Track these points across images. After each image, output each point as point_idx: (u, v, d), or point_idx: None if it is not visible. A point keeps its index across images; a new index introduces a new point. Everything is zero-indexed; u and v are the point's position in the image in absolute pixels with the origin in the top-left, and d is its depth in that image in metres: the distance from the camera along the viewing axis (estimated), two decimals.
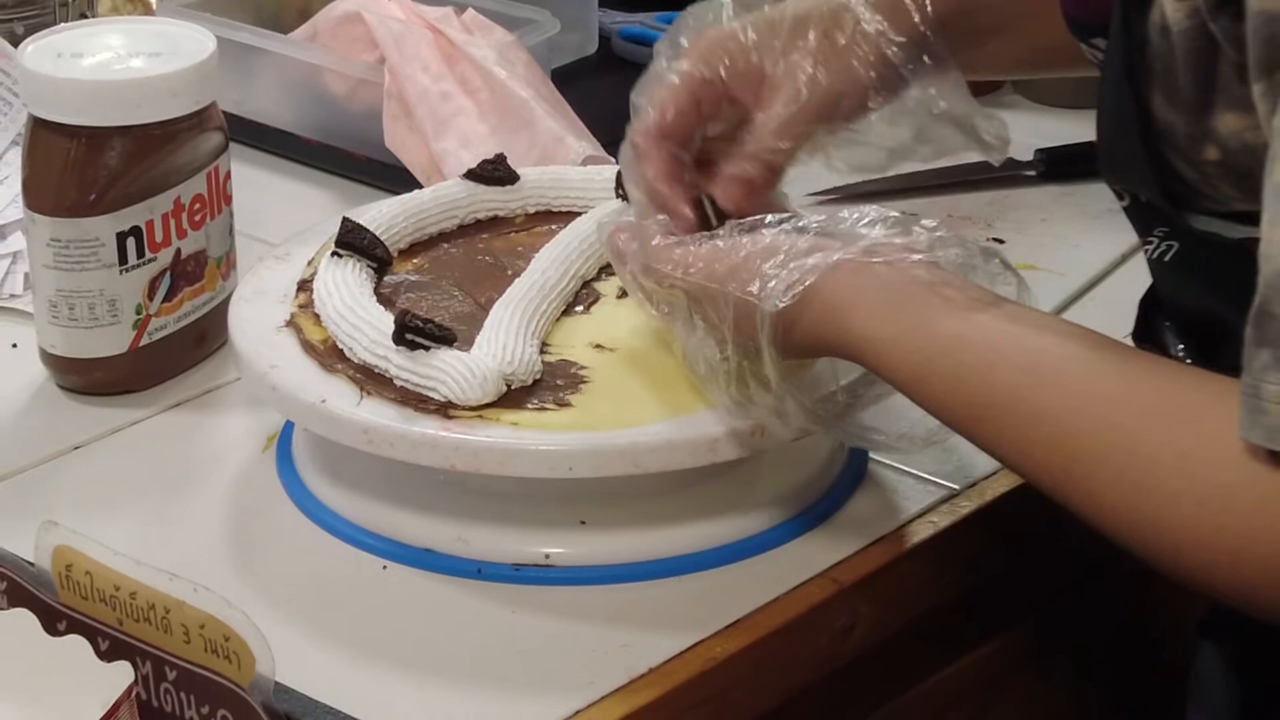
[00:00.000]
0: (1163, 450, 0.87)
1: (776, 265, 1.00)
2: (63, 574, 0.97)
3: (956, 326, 0.95)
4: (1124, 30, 0.96)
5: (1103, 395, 0.90)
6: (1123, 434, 0.88)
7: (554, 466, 1.04)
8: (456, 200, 1.24)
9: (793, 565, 1.09)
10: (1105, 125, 1.00)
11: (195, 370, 1.27)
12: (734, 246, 1.03)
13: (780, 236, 1.03)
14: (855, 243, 1.00)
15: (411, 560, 1.09)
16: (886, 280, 0.98)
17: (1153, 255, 1.00)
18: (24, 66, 1.23)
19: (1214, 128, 0.93)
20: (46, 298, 1.23)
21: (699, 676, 1.02)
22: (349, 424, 1.06)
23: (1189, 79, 0.93)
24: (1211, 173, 0.94)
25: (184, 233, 1.25)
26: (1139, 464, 0.87)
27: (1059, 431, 0.90)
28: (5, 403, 1.25)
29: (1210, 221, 0.96)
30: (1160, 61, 0.94)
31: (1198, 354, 1.01)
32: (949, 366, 0.94)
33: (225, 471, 1.18)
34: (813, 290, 0.99)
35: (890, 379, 0.98)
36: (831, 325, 0.98)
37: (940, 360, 0.95)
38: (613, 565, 1.08)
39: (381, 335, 1.09)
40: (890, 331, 0.97)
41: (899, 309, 0.97)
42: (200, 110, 1.24)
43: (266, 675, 0.92)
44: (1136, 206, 1.00)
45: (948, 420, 0.96)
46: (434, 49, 1.46)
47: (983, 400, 0.93)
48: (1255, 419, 0.83)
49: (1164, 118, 0.95)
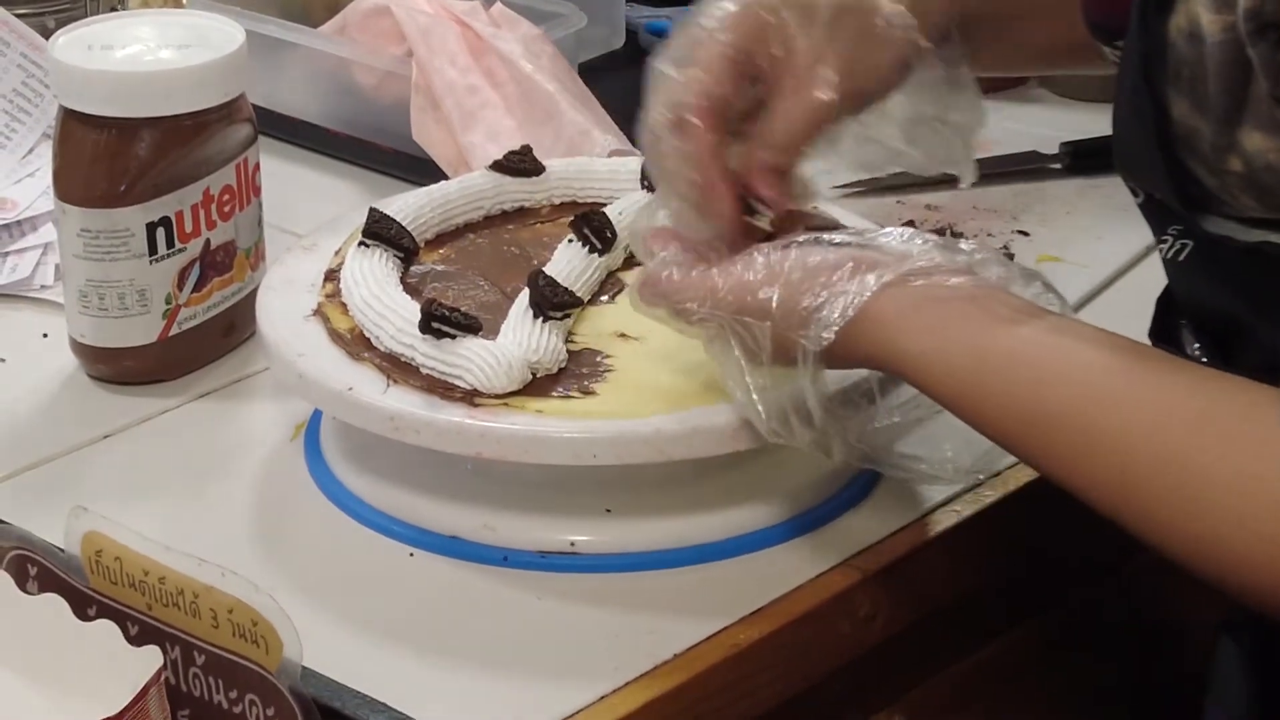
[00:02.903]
0: (1218, 466, 0.86)
1: (815, 295, 0.98)
2: (92, 559, 0.98)
3: (1005, 341, 0.94)
4: (1142, 32, 0.95)
5: (1155, 410, 0.89)
6: (1177, 449, 0.87)
7: (579, 454, 1.05)
8: (483, 191, 1.25)
9: (816, 553, 1.10)
10: (1122, 124, 0.99)
11: (224, 360, 1.28)
12: (762, 274, 1.00)
13: (811, 258, 1.00)
14: (897, 264, 0.98)
15: (438, 547, 1.10)
16: (931, 295, 0.97)
17: (1167, 254, 0.99)
18: (55, 58, 1.23)
19: (1240, 141, 0.92)
20: (77, 288, 1.24)
21: (722, 663, 1.03)
22: (376, 412, 1.07)
23: (1220, 90, 0.92)
24: (1233, 183, 0.93)
25: (213, 223, 1.25)
26: (1194, 480, 0.87)
27: (1113, 447, 0.89)
28: (36, 391, 1.26)
29: (1224, 224, 0.95)
30: (1187, 68, 0.93)
31: (1214, 353, 1.00)
32: (999, 382, 0.93)
33: (253, 460, 1.19)
34: (859, 312, 0.97)
35: (938, 395, 0.96)
36: (877, 342, 0.97)
37: (989, 376, 0.94)
38: (637, 553, 1.09)
39: (408, 324, 1.09)
40: (937, 346, 0.95)
41: (946, 324, 0.96)
42: (229, 102, 1.25)
43: (294, 660, 0.92)
44: (1151, 204, 1.00)
45: (996, 436, 0.95)
46: (461, 42, 1.46)
47: (1034, 416, 0.92)
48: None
49: (1187, 123, 0.94)
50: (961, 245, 1.01)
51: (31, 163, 1.46)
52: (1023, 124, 1.58)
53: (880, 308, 0.97)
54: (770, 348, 1.00)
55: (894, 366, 0.97)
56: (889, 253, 1.00)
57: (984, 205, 1.47)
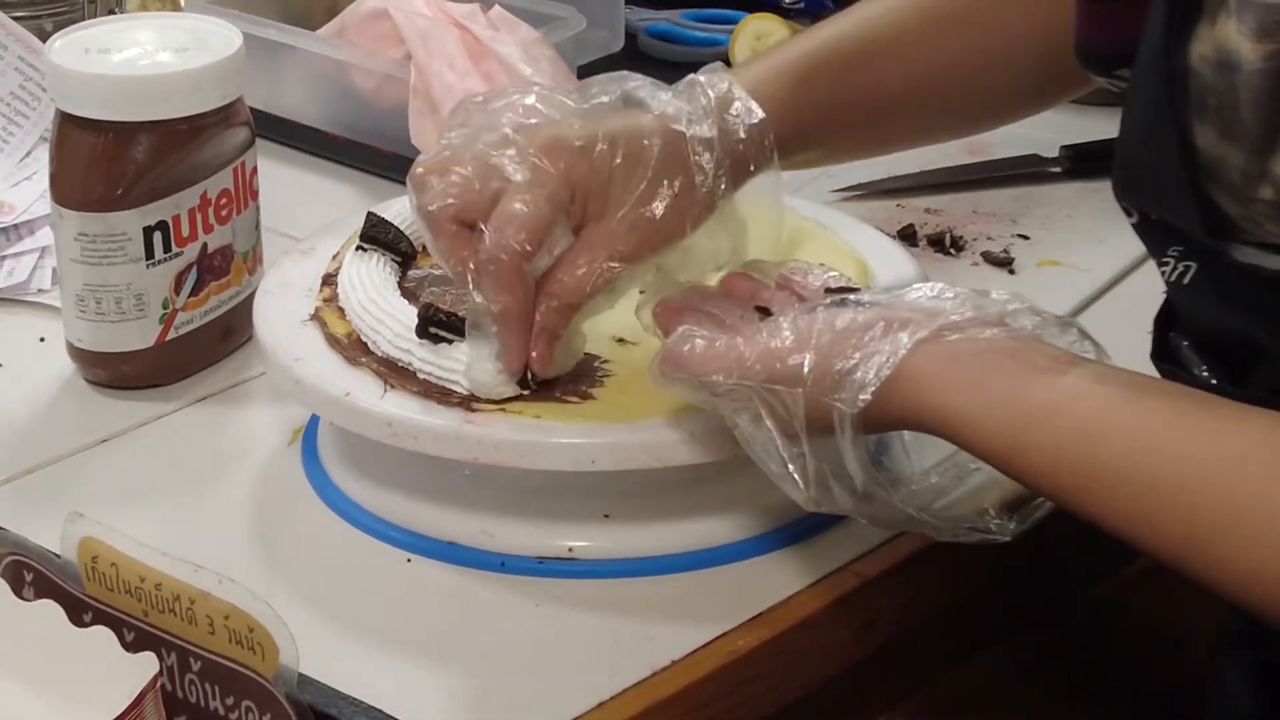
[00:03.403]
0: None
1: (848, 358, 0.96)
2: (89, 565, 0.98)
3: (1049, 394, 0.92)
4: (1165, 60, 0.94)
5: (1224, 457, 0.87)
6: (1250, 495, 0.86)
7: (577, 459, 1.05)
8: None
9: (815, 559, 1.09)
10: (1133, 152, 0.98)
11: (221, 364, 1.28)
12: (796, 342, 0.98)
13: (842, 320, 0.98)
14: (929, 321, 0.97)
15: (435, 553, 1.10)
16: (967, 350, 0.95)
17: (1171, 277, 0.98)
18: (51, 62, 1.23)
19: (1272, 169, 0.91)
20: (73, 292, 1.24)
21: (721, 670, 1.03)
22: (373, 417, 1.07)
23: (1255, 118, 0.90)
24: (1260, 211, 0.92)
25: (210, 227, 1.25)
26: (1273, 525, 0.85)
27: (1179, 499, 0.88)
28: (33, 396, 1.26)
29: (1249, 252, 0.93)
30: (1214, 96, 0.92)
31: (1222, 374, 0.98)
32: (1045, 436, 0.92)
33: (251, 465, 1.18)
34: (893, 372, 0.96)
35: (981, 452, 0.94)
36: (914, 400, 0.95)
37: (1036, 431, 0.92)
38: (635, 559, 1.09)
39: (405, 329, 1.09)
40: (980, 402, 0.93)
41: (986, 379, 0.94)
42: (227, 105, 1.25)
43: (290, 666, 0.92)
44: (1147, 224, 0.98)
45: (1048, 491, 0.93)
46: (460, 45, 1.46)
47: (1090, 469, 0.90)
48: None
49: (1213, 152, 0.93)
50: (993, 295, 0.99)
51: (29, 166, 1.46)
52: (1022, 127, 1.56)
53: (915, 366, 0.95)
54: (804, 415, 0.98)
55: (933, 425, 0.95)
56: (919, 309, 0.98)
57: (984, 209, 1.47)
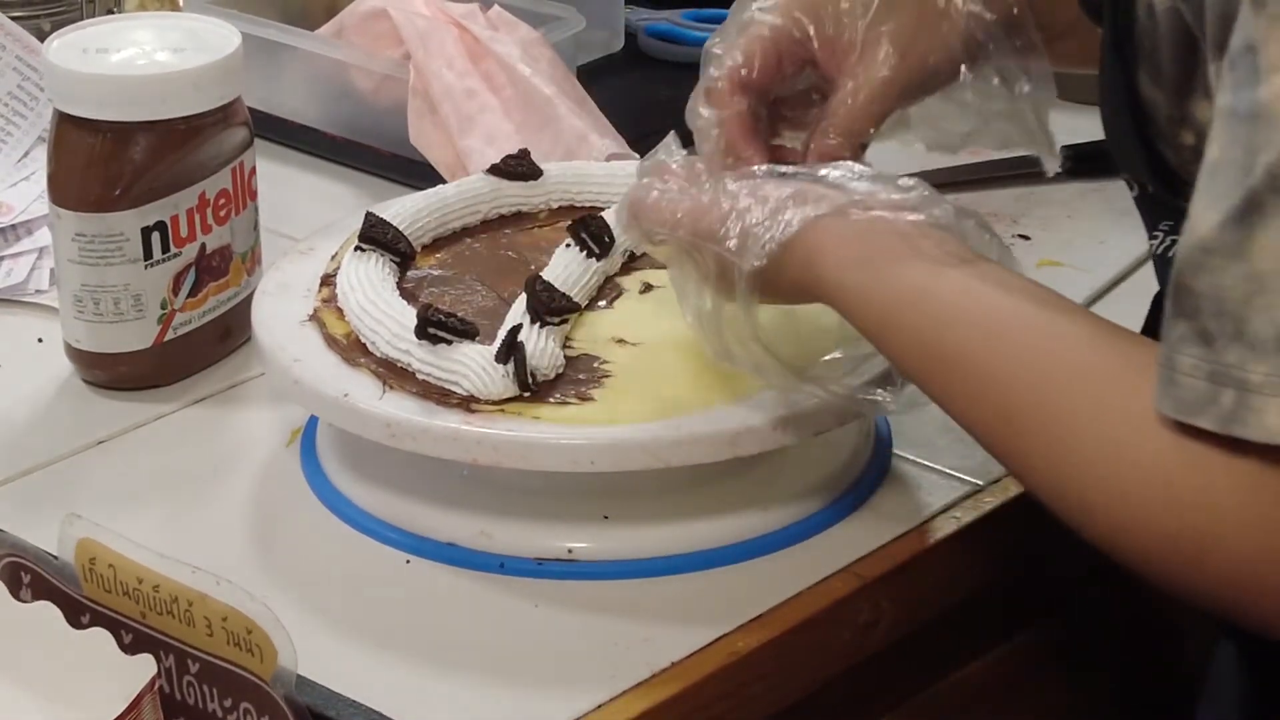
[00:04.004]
0: (1092, 413, 0.88)
1: (756, 222, 1.00)
2: (86, 567, 0.98)
3: (922, 279, 0.95)
4: (1113, 7, 0.96)
5: (1043, 355, 0.91)
6: (1056, 394, 0.89)
7: (576, 460, 1.04)
8: (480, 195, 1.24)
9: (815, 560, 1.09)
10: (1104, 108, 1.00)
11: (220, 365, 1.28)
12: (716, 201, 1.02)
13: (765, 189, 1.02)
14: (837, 198, 1.00)
15: (434, 555, 1.09)
16: (863, 230, 0.98)
17: (1157, 250, 1.00)
18: (49, 62, 1.23)
19: (1191, 112, 0.93)
20: (71, 293, 1.24)
21: (721, 671, 1.02)
22: (371, 418, 1.06)
23: (1170, 59, 0.93)
24: (1188, 158, 0.94)
25: (209, 228, 1.25)
26: (1066, 424, 0.88)
27: (1000, 389, 0.91)
28: (31, 397, 1.25)
29: None
30: (1147, 40, 0.94)
31: None
32: (910, 319, 0.95)
33: (249, 466, 1.18)
34: (793, 240, 0.98)
35: (861, 329, 0.98)
36: (808, 272, 0.98)
37: (902, 312, 0.95)
38: (635, 560, 1.08)
39: (404, 329, 1.09)
40: (859, 279, 0.97)
41: (870, 258, 0.97)
42: (225, 105, 1.25)
43: (289, 668, 0.92)
44: (1144, 198, 1.00)
45: (905, 372, 0.97)
46: (459, 45, 1.46)
47: (936, 354, 0.94)
48: (1167, 390, 0.85)
49: (1149, 97, 0.95)
50: (902, 182, 1.02)
51: (27, 166, 1.46)
52: None
53: (816, 240, 0.98)
54: (715, 271, 1.02)
55: (824, 297, 0.99)
56: (839, 187, 1.01)
57: (985, 209, 1.45)
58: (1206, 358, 0.83)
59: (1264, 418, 0.82)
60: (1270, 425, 0.82)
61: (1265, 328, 0.82)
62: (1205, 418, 0.83)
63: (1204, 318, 0.84)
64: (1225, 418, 0.83)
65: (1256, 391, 0.82)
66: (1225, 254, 0.83)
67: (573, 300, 1.12)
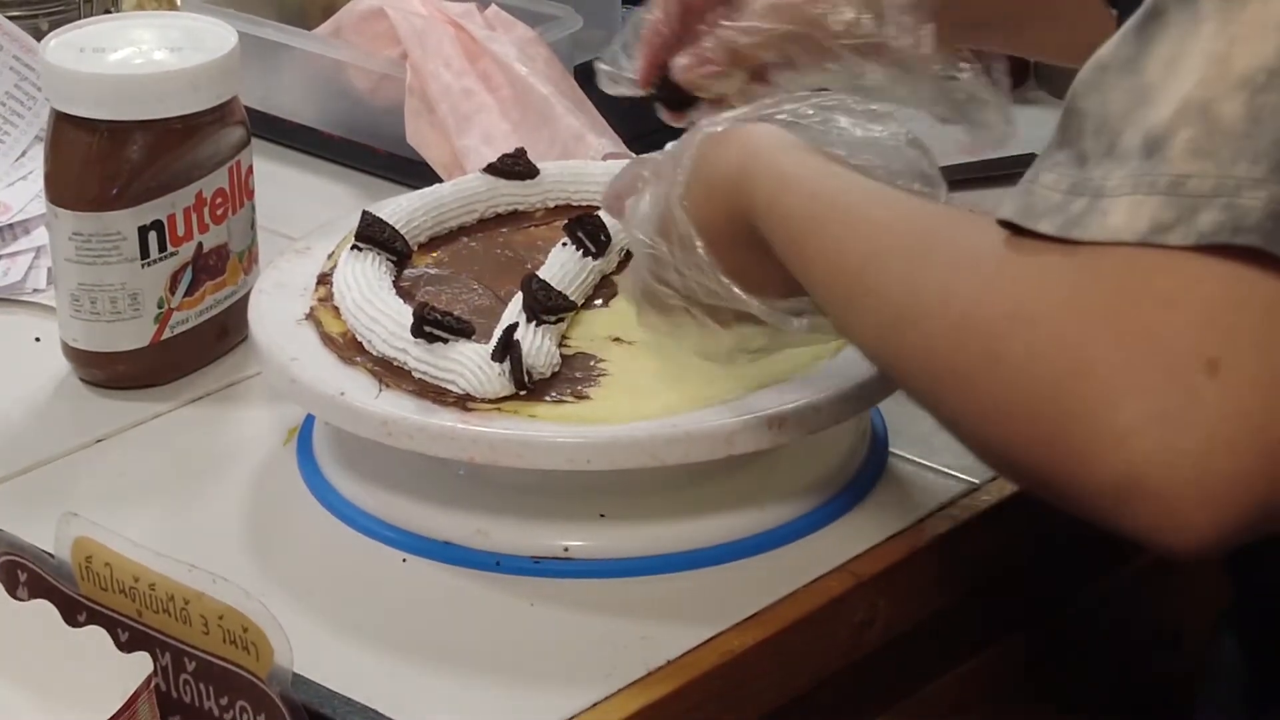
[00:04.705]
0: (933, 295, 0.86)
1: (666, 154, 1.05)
2: (83, 565, 0.98)
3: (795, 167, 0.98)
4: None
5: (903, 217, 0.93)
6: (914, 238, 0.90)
7: (572, 459, 1.04)
8: (476, 194, 1.24)
9: (811, 559, 1.09)
10: None
11: (217, 364, 1.28)
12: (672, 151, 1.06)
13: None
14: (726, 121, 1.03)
15: (431, 553, 1.09)
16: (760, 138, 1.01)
17: None
18: (46, 61, 1.23)
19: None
20: (68, 291, 1.24)
21: (717, 669, 1.02)
22: (367, 416, 1.06)
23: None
24: None
25: (206, 227, 1.25)
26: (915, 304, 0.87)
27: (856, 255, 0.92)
28: (28, 396, 1.26)
29: None
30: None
31: None
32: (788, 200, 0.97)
33: (246, 465, 1.18)
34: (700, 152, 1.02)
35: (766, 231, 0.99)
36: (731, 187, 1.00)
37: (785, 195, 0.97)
38: (631, 558, 1.08)
39: (400, 328, 1.09)
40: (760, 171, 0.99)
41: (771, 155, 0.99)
42: (222, 104, 1.25)
43: (285, 666, 0.92)
44: None
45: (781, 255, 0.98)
46: (456, 45, 1.46)
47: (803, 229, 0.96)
48: (1017, 199, 0.83)
49: None
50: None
51: (24, 166, 1.46)
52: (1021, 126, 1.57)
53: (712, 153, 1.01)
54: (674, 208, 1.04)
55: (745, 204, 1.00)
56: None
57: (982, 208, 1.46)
58: (1073, 175, 0.82)
59: (1107, 218, 0.79)
60: (1112, 224, 0.79)
61: (1133, 137, 0.80)
62: (1045, 222, 0.81)
63: (1085, 139, 0.82)
64: (1068, 222, 0.81)
65: (1110, 195, 0.80)
66: (1119, 69, 0.82)
67: (569, 299, 1.12)
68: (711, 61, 1.14)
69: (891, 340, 0.90)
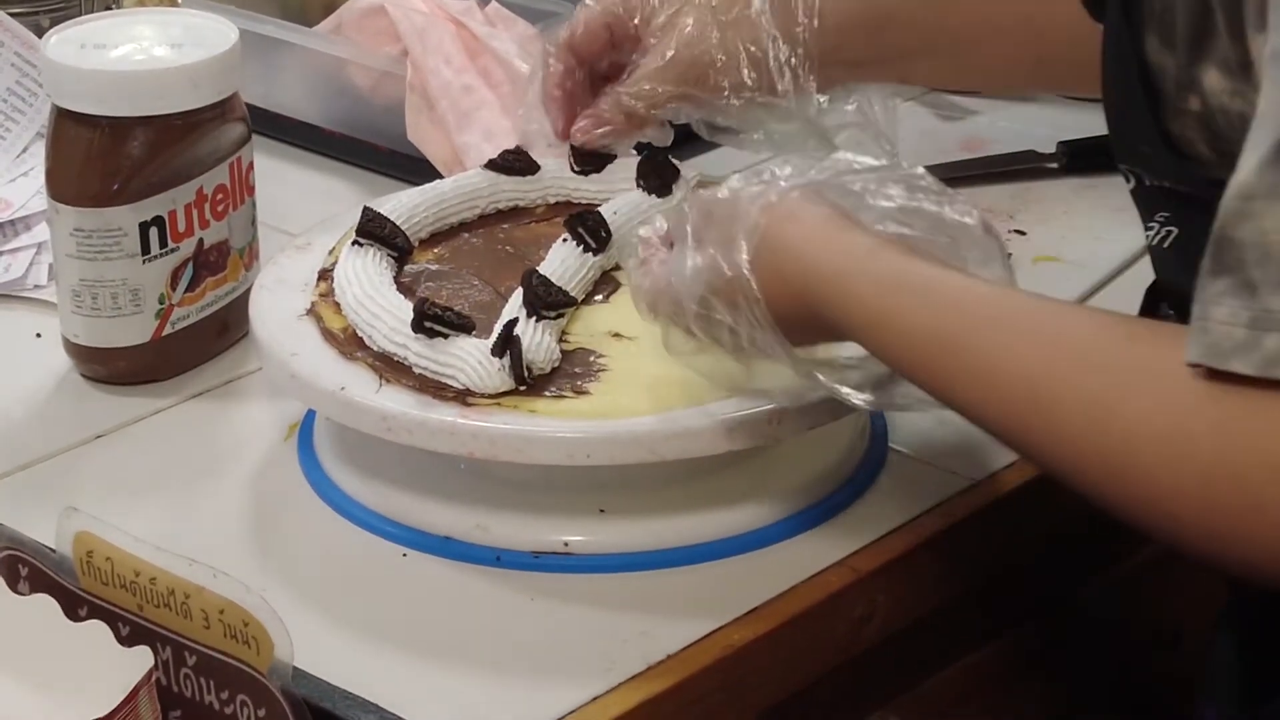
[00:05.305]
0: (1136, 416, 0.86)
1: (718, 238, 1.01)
2: (84, 560, 0.98)
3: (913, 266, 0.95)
4: None
5: (1053, 337, 0.90)
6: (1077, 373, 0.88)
7: (572, 454, 1.05)
8: (477, 190, 1.24)
9: (811, 554, 1.09)
10: (1109, 86, 0.99)
11: (217, 360, 1.28)
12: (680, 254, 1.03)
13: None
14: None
15: (431, 548, 1.10)
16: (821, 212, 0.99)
17: (1153, 241, 1.00)
18: (47, 57, 1.23)
19: (1199, 77, 0.92)
20: (70, 287, 1.24)
21: (716, 663, 1.03)
22: (368, 411, 1.07)
23: (1186, 21, 0.92)
24: (1190, 124, 0.94)
25: (206, 223, 1.25)
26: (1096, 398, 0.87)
27: (1019, 374, 0.89)
28: (29, 392, 1.26)
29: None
30: (1158, 1, 0.94)
31: None
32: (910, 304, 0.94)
33: (247, 460, 1.18)
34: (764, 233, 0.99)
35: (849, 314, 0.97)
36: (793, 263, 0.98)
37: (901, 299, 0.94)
38: (631, 553, 1.09)
39: (401, 323, 1.09)
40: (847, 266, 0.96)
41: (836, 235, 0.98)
42: (222, 101, 1.25)
43: (285, 660, 0.92)
44: (1141, 189, 1.00)
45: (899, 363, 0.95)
46: (457, 42, 1.46)
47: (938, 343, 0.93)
48: (1198, 339, 0.83)
49: (1156, 60, 0.95)
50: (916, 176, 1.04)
51: (26, 162, 1.46)
52: (1019, 123, 1.57)
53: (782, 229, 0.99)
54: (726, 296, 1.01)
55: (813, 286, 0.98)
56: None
57: (981, 204, 1.46)
58: (1248, 306, 0.81)
59: None
60: None
61: None
62: (1240, 361, 0.81)
63: (1248, 268, 0.82)
64: (1266, 361, 0.81)
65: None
66: (1267, 196, 0.82)
67: (569, 295, 1.12)
68: (608, 122, 1.21)
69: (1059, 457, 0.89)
